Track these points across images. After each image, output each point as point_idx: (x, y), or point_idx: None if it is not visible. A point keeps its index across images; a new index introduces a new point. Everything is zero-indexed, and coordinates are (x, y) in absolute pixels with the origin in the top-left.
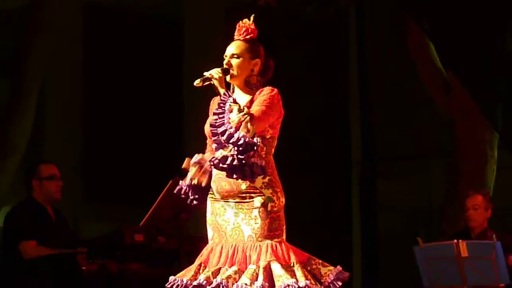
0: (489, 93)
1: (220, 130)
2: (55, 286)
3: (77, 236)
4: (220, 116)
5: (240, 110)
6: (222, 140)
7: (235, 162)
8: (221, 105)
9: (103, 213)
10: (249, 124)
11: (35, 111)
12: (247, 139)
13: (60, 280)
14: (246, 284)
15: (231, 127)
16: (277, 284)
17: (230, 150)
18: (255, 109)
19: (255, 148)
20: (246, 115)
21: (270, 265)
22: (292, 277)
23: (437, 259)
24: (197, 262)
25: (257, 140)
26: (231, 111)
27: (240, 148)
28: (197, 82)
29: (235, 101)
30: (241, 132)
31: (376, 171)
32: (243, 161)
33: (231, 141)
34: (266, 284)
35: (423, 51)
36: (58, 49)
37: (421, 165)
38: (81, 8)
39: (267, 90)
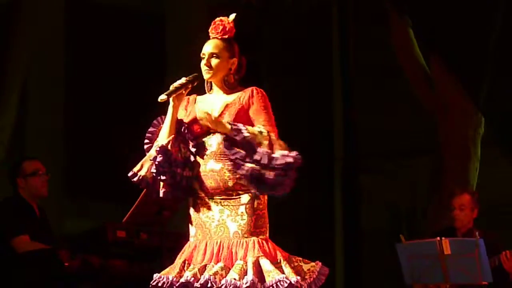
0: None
1: (255, 157)
2: (40, 282)
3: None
4: (241, 146)
5: (259, 132)
6: (262, 165)
7: (280, 179)
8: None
9: (86, 209)
10: (276, 139)
11: (17, 107)
12: (291, 155)
13: (45, 277)
14: (235, 279)
15: (266, 152)
16: (267, 279)
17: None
18: (261, 118)
19: (299, 160)
20: (265, 133)
21: (258, 261)
22: (281, 273)
23: (420, 256)
24: (180, 259)
25: (296, 153)
26: (253, 136)
27: (289, 165)
28: (162, 98)
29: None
30: (280, 151)
31: (359, 167)
32: (287, 175)
33: (277, 163)
34: (256, 279)
35: (407, 48)
36: (39, 44)
37: (404, 161)
38: (63, 5)
39: (257, 95)
